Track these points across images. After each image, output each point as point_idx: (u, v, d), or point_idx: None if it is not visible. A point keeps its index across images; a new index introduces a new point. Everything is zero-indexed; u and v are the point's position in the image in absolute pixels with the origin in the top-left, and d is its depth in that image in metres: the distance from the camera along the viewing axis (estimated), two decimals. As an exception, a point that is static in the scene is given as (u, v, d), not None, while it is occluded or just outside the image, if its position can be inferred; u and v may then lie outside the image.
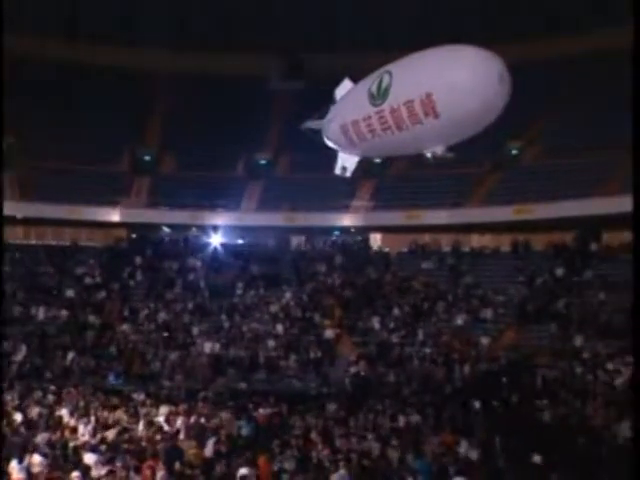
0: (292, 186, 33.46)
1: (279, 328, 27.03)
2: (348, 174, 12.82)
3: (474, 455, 14.76)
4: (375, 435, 16.46)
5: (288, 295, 29.07)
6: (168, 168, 34.72)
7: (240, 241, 33.72)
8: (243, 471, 12.41)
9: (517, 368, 23.19)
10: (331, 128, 12.36)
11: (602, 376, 20.69)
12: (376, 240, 34.09)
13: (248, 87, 35.40)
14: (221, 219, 32.44)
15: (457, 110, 9.99)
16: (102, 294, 28.72)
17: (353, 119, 11.56)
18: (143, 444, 14.64)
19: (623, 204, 27.24)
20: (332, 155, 34.87)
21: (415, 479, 13.46)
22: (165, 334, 26.60)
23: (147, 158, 34.79)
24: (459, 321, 27.06)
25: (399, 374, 24.20)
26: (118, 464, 12.67)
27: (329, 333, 26.90)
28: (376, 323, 27.23)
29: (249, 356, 25.35)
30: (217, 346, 25.89)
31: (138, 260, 31.17)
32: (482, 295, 28.16)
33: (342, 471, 12.83)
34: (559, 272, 28.29)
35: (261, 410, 19.19)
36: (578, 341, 24.02)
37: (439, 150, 10.72)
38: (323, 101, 37.70)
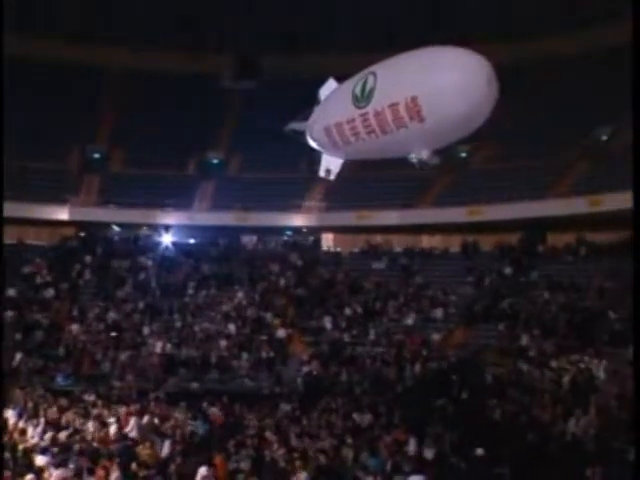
0: (244, 186, 33.35)
1: (231, 328, 26.87)
2: (332, 176, 12.42)
3: (428, 453, 14.89)
4: (329, 434, 16.49)
5: (240, 295, 28.91)
6: (118, 166, 34.20)
7: (192, 240, 33.40)
8: (202, 471, 12.29)
9: (466, 366, 23.53)
10: (315, 130, 11.97)
11: (548, 374, 21.08)
12: (328, 240, 34.16)
13: (200, 86, 35.14)
14: (172, 218, 32.12)
15: (443, 114, 9.70)
16: (50, 293, 28.11)
17: (337, 121, 11.20)
18: (96, 445, 14.40)
19: (568, 206, 28.21)
20: (283, 155, 35.06)
21: (369, 477, 13.55)
22: (115, 334, 26.17)
23: (97, 156, 34.17)
24: (410, 320, 27.33)
25: (351, 373, 24.31)
26: (71, 466, 12.41)
27: (281, 333, 26.85)
28: (328, 323, 27.29)
29: (201, 356, 25.14)
30: (168, 346, 25.60)
31: (87, 259, 30.60)
32: (432, 295, 28.48)
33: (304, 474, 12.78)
34: (506, 272, 28.83)
35: (214, 409, 19.09)
36: (524, 340, 24.47)
37: (424, 154, 10.42)
38: (275, 101, 37.77)
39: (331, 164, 12.53)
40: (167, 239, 32.10)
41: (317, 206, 32.81)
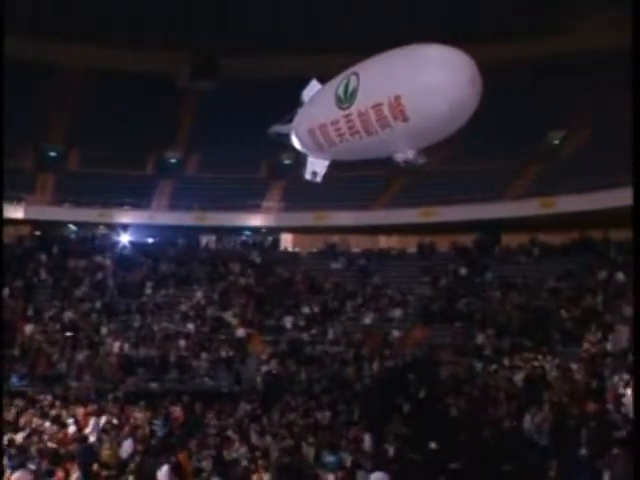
0: (203, 185, 33.22)
1: (190, 327, 26.71)
2: (318, 179, 12.18)
3: (388, 449, 15.04)
4: (290, 432, 16.54)
5: (199, 294, 28.76)
6: (75, 165, 33.71)
7: (150, 240, 33.09)
8: (164, 469, 12.23)
9: (423, 365, 23.79)
10: (299, 132, 11.71)
11: (502, 372, 21.43)
12: (287, 240, 34.19)
13: (158, 85, 34.88)
14: (130, 217, 31.79)
15: (427, 113, 9.48)
16: (5, 292, 27.53)
17: (321, 123, 10.95)
18: (55, 446, 14.20)
19: (522, 208, 28.74)
20: (242, 155, 34.82)
21: (330, 475, 13.62)
22: (72, 334, 25.78)
23: (52, 154, 33.65)
24: (368, 320, 27.52)
25: (310, 372, 24.39)
26: (31, 467, 12.22)
27: (240, 332, 26.76)
28: (287, 322, 27.34)
29: (160, 355, 24.92)
30: (127, 346, 25.34)
31: (43, 258, 30.09)
32: (389, 295, 28.72)
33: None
34: (462, 273, 29.22)
35: (175, 409, 19.00)
36: (480, 339, 24.85)
37: (410, 154, 10.24)
38: (233, 102, 37.57)
39: (317, 166, 12.10)
40: (125, 238, 31.78)
41: (276, 206, 32.84)
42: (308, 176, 12.05)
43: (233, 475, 13.23)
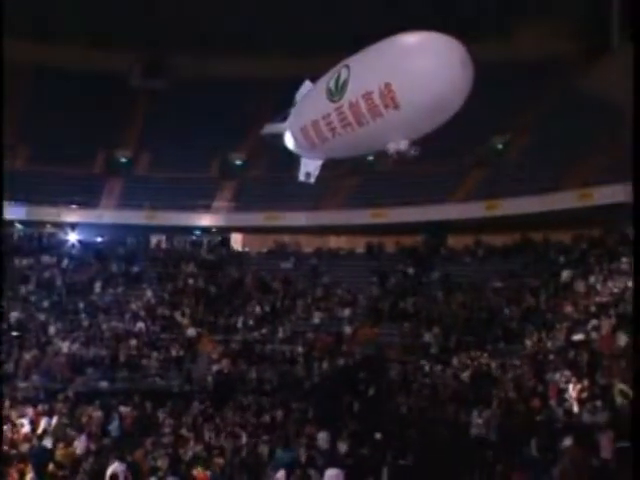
0: (153, 185, 32.83)
1: (140, 326, 26.37)
2: (312, 180, 12.03)
3: (341, 446, 15.14)
4: (243, 430, 16.51)
5: (149, 293, 28.43)
6: (22, 163, 32.81)
7: (99, 239, 32.51)
8: (115, 466, 12.06)
9: (372, 363, 23.99)
10: (291, 132, 11.58)
11: (449, 370, 21.76)
12: (237, 240, 34.04)
13: (109, 83, 34.30)
14: (79, 216, 31.19)
15: (418, 99, 9.20)
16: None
17: (313, 119, 10.72)
18: (6, 447, 13.86)
19: (467, 210, 29.24)
20: (193, 155, 34.40)
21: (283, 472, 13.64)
22: (18, 333, 25.17)
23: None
24: (317, 319, 27.61)
25: (261, 371, 24.36)
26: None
27: (191, 331, 26.55)
28: (237, 321, 27.23)
29: (110, 355, 24.54)
30: (75, 345, 24.86)
31: (-12, 257, 29.26)
32: (339, 294, 28.88)
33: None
34: (409, 273, 29.57)
35: (125, 408, 18.75)
36: (427, 337, 25.19)
37: (403, 145, 9.90)
38: (185, 101, 37.09)
39: (310, 167, 12.00)
40: (73, 237, 31.14)
41: (226, 206, 32.67)
42: (302, 177, 11.89)
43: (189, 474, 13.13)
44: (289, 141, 11.71)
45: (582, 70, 26.90)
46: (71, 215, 31.12)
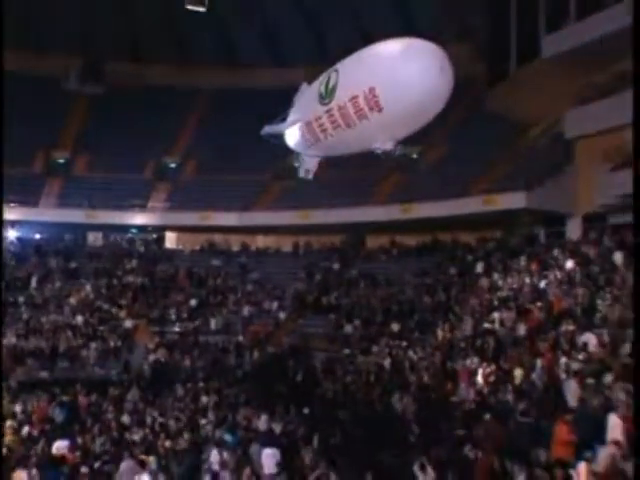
0: (91, 185, 32.09)
1: (79, 319, 25.75)
2: (310, 176, 11.84)
3: (275, 427, 15.29)
4: (183, 414, 16.45)
5: (87, 288, 27.77)
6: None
7: (38, 236, 31.49)
8: (58, 444, 11.85)
9: (298, 352, 24.22)
10: (289, 132, 11.59)
11: (371, 358, 22.15)
12: (171, 239, 33.63)
13: (46, 86, 33.38)
14: (18, 214, 30.09)
15: (399, 103, 9.33)
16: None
17: (307, 120, 10.83)
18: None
19: (384, 213, 29.81)
20: (130, 156, 33.69)
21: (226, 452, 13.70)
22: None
23: (-64, 150, 31.15)
24: (246, 312, 27.66)
25: (194, 360, 24.24)
26: None
27: (128, 323, 26.15)
28: (172, 314, 26.98)
29: (50, 346, 23.87)
30: (15, 338, 24.05)
31: None
32: (267, 289, 29.01)
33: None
34: (332, 270, 29.96)
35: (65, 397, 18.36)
36: (348, 328, 25.61)
37: (389, 145, 9.97)
38: (122, 106, 36.19)
39: (309, 164, 11.96)
40: (12, 234, 30.06)
41: (161, 206, 32.30)
42: (302, 174, 11.90)
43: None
44: (289, 141, 11.76)
45: (486, 91, 27.85)
46: (11, 213, 29.95)
